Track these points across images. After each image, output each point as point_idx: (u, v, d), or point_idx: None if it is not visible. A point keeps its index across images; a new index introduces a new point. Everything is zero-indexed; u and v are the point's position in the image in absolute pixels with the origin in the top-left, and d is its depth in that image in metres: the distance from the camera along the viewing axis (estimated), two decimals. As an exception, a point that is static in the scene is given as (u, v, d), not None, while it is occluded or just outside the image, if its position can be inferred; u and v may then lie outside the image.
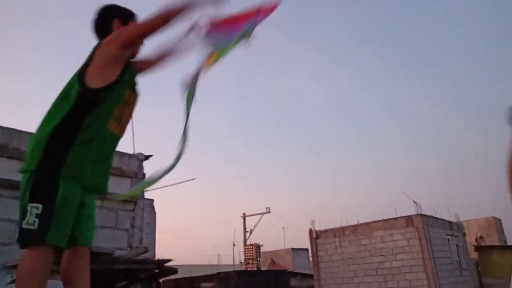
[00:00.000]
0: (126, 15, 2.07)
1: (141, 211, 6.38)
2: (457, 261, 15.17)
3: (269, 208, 24.50)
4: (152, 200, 15.67)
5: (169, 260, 4.31)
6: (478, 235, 23.59)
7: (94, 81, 1.75)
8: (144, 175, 6.53)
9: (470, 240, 21.10)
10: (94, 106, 1.75)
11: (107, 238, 5.77)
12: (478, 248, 20.18)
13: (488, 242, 22.80)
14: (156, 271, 4.46)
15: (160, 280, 13.40)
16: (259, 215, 24.43)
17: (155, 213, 15.65)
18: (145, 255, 4.51)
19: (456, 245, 15.56)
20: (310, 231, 16.39)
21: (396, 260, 13.81)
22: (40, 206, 1.57)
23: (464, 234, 16.97)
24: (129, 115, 1.98)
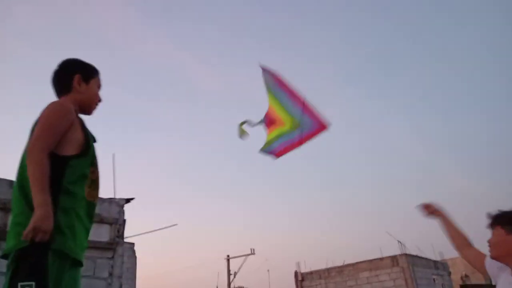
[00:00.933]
0: (88, 71, 2.06)
1: (120, 259, 6.18)
2: (443, 301, 15.02)
3: (253, 249, 24.07)
4: (132, 244, 15.26)
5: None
6: (464, 273, 23.48)
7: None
8: (124, 221, 6.38)
9: (456, 278, 20.96)
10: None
11: (84, 288, 5.50)
12: (463, 287, 20.04)
13: (473, 280, 22.65)
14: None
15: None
16: (243, 257, 23.94)
17: (135, 257, 15.20)
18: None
19: (442, 284, 15.45)
20: (296, 273, 16.09)
21: (383, 302, 13.61)
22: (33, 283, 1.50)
23: (450, 273, 16.89)
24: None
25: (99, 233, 6.01)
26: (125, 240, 9.76)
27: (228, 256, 24.29)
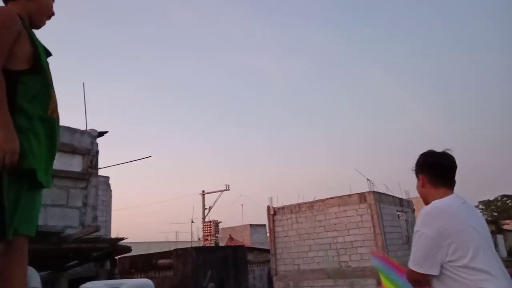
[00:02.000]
0: None
1: (94, 189, 6.20)
2: (405, 236, 15.98)
3: (228, 185, 24.63)
4: (107, 178, 15.32)
5: (122, 239, 4.23)
6: (426, 210, 24.86)
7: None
8: (97, 152, 6.33)
9: (419, 215, 22.21)
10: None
11: (57, 216, 5.58)
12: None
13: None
14: (109, 250, 4.39)
15: (116, 258, 13.25)
16: (218, 193, 24.53)
17: (110, 190, 15.34)
18: (100, 233, 4.40)
19: (406, 220, 16.37)
20: (268, 208, 16.67)
21: (349, 235, 14.36)
22: None
23: (414, 210, 17.85)
24: None
25: (72, 163, 5.98)
26: (100, 172, 9.78)
27: (203, 191, 24.84)
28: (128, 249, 4.42)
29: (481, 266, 1.91)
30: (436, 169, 2.23)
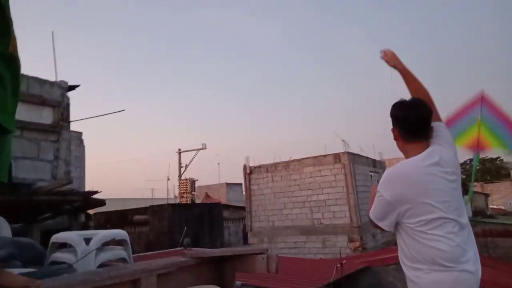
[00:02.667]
0: None
1: (66, 143, 6.04)
2: (377, 195, 16.50)
3: (205, 144, 24.61)
4: (80, 133, 15.03)
5: (96, 192, 4.19)
6: (398, 172, 25.65)
7: None
8: (68, 105, 6.12)
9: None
10: None
11: (28, 169, 5.45)
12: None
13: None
14: (82, 203, 4.35)
15: (92, 213, 13.22)
16: (195, 151, 24.51)
17: (84, 146, 15.09)
18: (73, 187, 4.33)
19: (378, 180, 16.79)
20: (244, 166, 16.80)
21: (322, 193, 14.71)
22: None
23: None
24: None
25: (41, 115, 5.78)
26: (72, 127, 9.52)
27: (179, 149, 24.77)
28: (102, 202, 4.39)
29: (436, 232, 1.92)
30: (405, 124, 2.11)
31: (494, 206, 25.92)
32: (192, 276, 2.60)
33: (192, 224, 15.31)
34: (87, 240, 2.80)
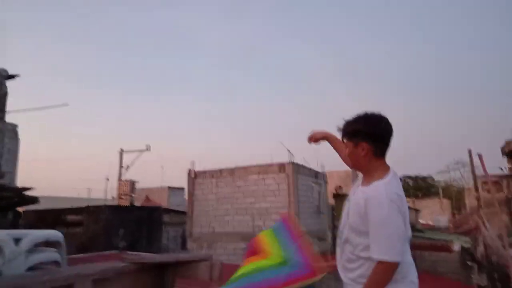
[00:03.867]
0: None
1: (0, 134, 5.60)
2: (317, 205, 16.93)
3: (149, 146, 23.99)
4: (15, 125, 14.06)
5: (28, 188, 3.90)
6: (338, 185, 26.54)
7: None
8: (6, 93, 5.70)
9: (331, 188, 23.60)
10: None
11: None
12: (335, 196, 22.71)
13: (345, 191, 25.81)
14: (14, 199, 4.05)
15: (21, 211, 12.38)
16: (138, 152, 23.82)
17: (18, 139, 14.11)
18: (4, 182, 4.01)
19: (319, 192, 17.28)
20: (189, 171, 16.57)
21: (265, 202, 14.85)
22: None
23: (326, 183, 18.88)
24: None
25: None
26: (8, 118, 8.90)
27: (121, 149, 23.95)
28: (35, 199, 4.11)
29: (407, 248, 2.04)
30: (385, 139, 2.06)
31: (423, 222, 27.54)
32: (130, 282, 2.51)
33: (130, 227, 14.81)
34: (17, 241, 2.59)
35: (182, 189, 27.81)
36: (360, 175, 2.22)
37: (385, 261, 1.88)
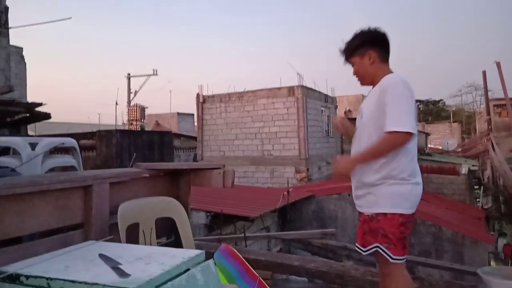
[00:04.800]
0: None
1: (4, 52, 5.48)
2: (326, 130, 16.98)
3: (156, 70, 23.70)
4: (21, 49, 13.84)
5: (40, 104, 3.88)
6: (347, 109, 26.41)
7: None
8: (6, 8, 5.48)
9: (340, 113, 23.53)
10: None
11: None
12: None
13: (354, 115, 25.74)
14: (25, 115, 4.06)
15: (34, 134, 12.56)
16: (145, 77, 23.61)
17: (25, 63, 13.98)
18: (14, 97, 3.99)
19: (328, 116, 17.23)
20: (198, 95, 16.48)
21: (274, 126, 14.90)
22: None
23: (336, 107, 18.76)
24: None
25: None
26: (12, 42, 8.70)
27: (129, 74, 23.74)
28: (47, 115, 4.11)
29: (414, 148, 2.15)
30: (385, 43, 2.22)
31: (432, 146, 27.73)
32: (146, 188, 2.55)
33: (142, 151, 15.08)
34: (33, 146, 2.62)
35: (191, 115, 27.88)
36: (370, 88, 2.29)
37: (396, 131, 1.94)
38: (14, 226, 1.71)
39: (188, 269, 1.51)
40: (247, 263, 2.77)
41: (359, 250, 2.20)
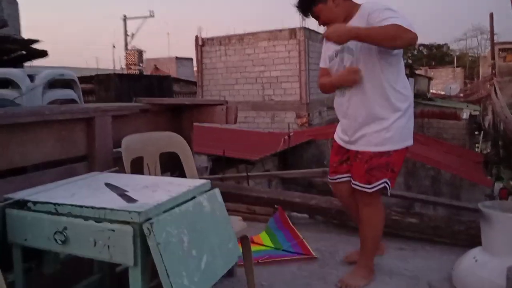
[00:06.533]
0: None
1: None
2: (328, 75, 16.72)
3: (152, 12, 22.95)
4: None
5: (36, 41, 3.76)
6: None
7: None
8: None
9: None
10: None
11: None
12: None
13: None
14: (21, 52, 3.95)
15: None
16: (142, 19, 22.91)
17: (17, 3, 13.45)
18: (6, 33, 3.84)
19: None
20: (196, 38, 16.05)
21: (275, 70, 14.65)
22: None
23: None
24: None
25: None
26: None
27: (124, 16, 23.02)
28: (43, 53, 4.00)
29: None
30: None
31: (434, 91, 27.44)
32: (148, 122, 2.52)
33: (141, 96, 14.91)
34: (32, 78, 2.56)
35: (190, 59, 27.33)
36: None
37: (400, 24, 1.84)
38: (18, 156, 1.70)
39: (194, 197, 1.52)
40: (296, 231, 3.01)
41: (361, 188, 2.19)
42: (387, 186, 2.14)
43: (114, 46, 23.77)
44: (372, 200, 2.20)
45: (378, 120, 2.08)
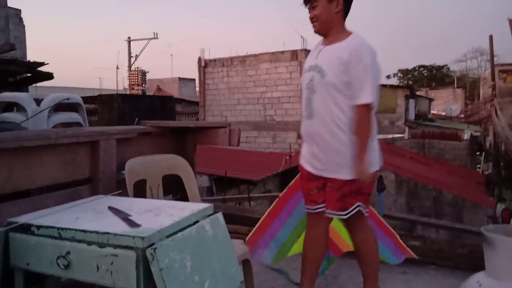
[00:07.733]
0: None
1: (4, 11, 5.33)
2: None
3: (156, 33, 23.31)
4: (19, 10, 13.53)
5: (42, 64, 3.82)
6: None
7: None
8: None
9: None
10: None
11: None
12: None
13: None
14: (27, 75, 4.00)
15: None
16: (146, 41, 23.25)
17: (24, 25, 13.71)
18: (16, 56, 3.92)
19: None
20: (199, 59, 16.25)
21: (277, 91, 14.76)
22: None
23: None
24: None
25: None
26: (9, 3, 8.48)
27: (129, 38, 23.37)
28: (49, 75, 4.06)
29: None
30: (351, 1, 2.14)
31: (435, 112, 27.52)
32: (152, 144, 2.55)
33: (144, 116, 15.01)
34: (38, 102, 2.60)
35: (193, 80, 27.60)
36: (321, 39, 2.23)
37: (368, 103, 1.98)
38: (23, 179, 1.72)
39: (197, 221, 1.52)
40: (383, 221, 2.75)
41: (336, 216, 2.17)
42: (361, 209, 2.15)
43: (118, 68, 24.03)
44: (364, 223, 2.24)
45: (345, 146, 2.07)
